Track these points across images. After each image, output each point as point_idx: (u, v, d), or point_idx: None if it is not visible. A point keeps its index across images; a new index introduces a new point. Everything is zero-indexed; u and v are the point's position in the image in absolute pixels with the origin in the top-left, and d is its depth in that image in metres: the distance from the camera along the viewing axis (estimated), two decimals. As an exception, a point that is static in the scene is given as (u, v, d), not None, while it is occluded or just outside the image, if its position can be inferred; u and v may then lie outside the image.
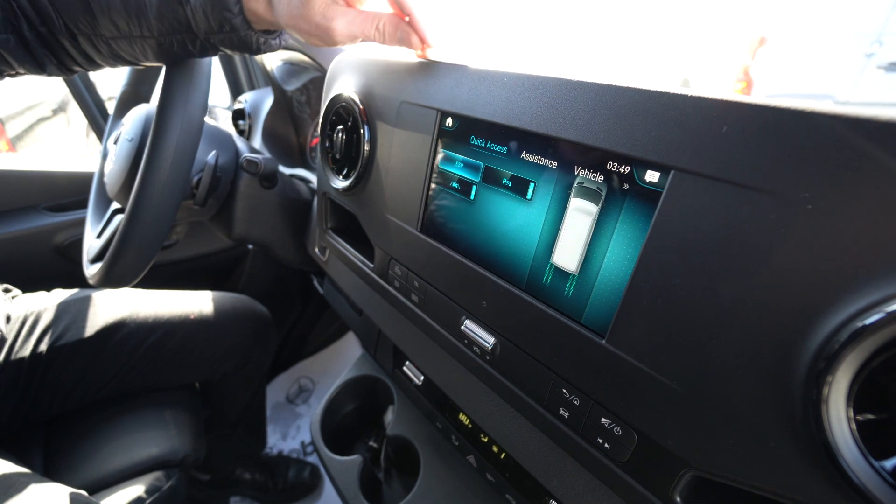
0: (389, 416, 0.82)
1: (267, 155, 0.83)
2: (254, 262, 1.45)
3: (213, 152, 0.78)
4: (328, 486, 1.37)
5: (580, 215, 0.35)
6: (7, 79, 0.50)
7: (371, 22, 0.42)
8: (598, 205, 0.34)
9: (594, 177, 0.34)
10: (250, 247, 1.41)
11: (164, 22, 0.44)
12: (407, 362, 0.68)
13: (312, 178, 0.97)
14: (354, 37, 0.42)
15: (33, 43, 0.46)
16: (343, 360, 1.73)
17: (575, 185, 0.35)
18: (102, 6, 0.43)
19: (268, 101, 1.10)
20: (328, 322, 1.71)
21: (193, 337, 0.95)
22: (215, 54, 0.51)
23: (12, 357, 0.79)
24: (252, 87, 1.33)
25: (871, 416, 0.23)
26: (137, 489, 0.77)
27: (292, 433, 1.54)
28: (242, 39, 0.45)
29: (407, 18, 0.42)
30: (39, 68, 0.49)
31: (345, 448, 0.74)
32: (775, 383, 0.25)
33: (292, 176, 0.98)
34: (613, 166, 0.33)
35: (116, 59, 0.50)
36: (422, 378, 0.65)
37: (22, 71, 0.49)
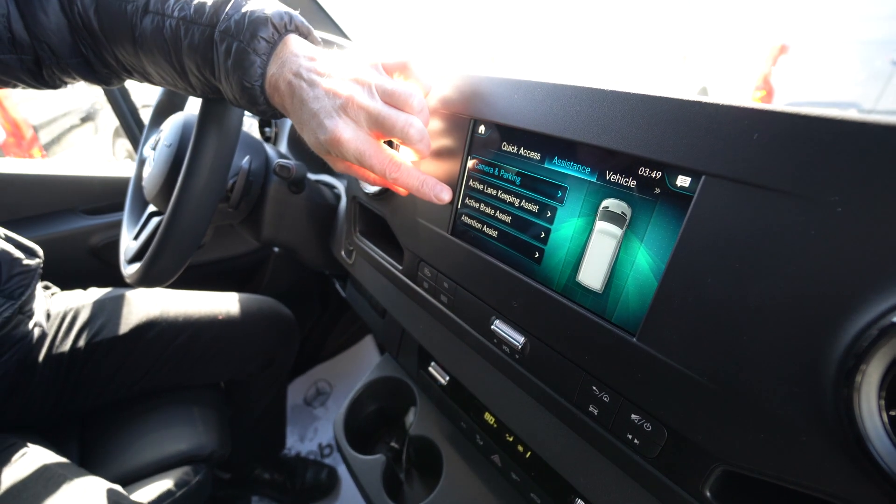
0: (411, 418, 0.84)
1: (295, 160, 0.86)
2: (276, 266, 1.48)
3: (247, 157, 0.81)
4: (345, 489, 1.39)
5: (607, 229, 0.37)
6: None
7: (363, 176, 0.50)
8: (622, 228, 0.36)
9: (626, 181, 0.35)
10: (276, 250, 1.45)
11: (203, 86, 0.50)
12: (432, 363, 0.69)
13: (337, 183, 0.99)
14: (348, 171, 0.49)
15: (98, 66, 0.52)
16: (360, 363, 1.75)
17: (600, 209, 0.38)
18: (151, 61, 0.49)
19: None
20: (346, 326, 1.74)
21: (221, 337, 0.98)
22: None
23: (53, 352, 0.83)
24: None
25: (901, 411, 0.24)
26: (167, 482, 0.79)
27: (310, 435, 1.56)
28: (274, 115, 0.49)
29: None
30: (103, 83, 0.56)
31: (365, 449, 0.76)
32: (806, 379, 0.26)
33: (317, 181, 1.01)
34: (645, 171, 0.34)
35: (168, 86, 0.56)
36: (447, 378, 0.66)
37: (83, 82, 0.55)
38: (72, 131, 3.86)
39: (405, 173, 0.45)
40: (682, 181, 0.32)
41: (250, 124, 1.37)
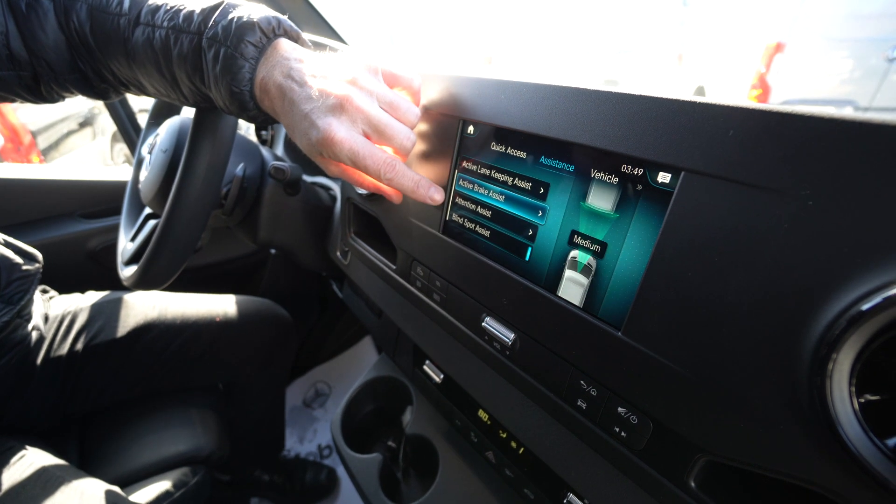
0: (407, 417, 0.84)
1: (291, 163, 0.86)
2: (273, 268, 1.49)
3: (241, 165, 0.82)
4: (344, 489, 1.39)
5: (575, 278, 0.38)
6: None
7: (357, 180, 0.49)
8: (588, 278, 0.38)
9: (609, 178, 0.36)
10: (273, 252, 1.46)
11: (194, 95, 0.50)
12: (427, 361, 0.70)
13: (332, 185, 1.00)
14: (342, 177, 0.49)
15: (96, 81, 0.53)
16: (359, 365, 1.76)
17: (569, 258, 0.40)
18: (144, 74, 0.50)
19: None
20: (344, 327, 1.74)
21: (219, 339, 0.98)
22: None
23: (51, 355, 0.83)
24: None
25: (872, 398, 0.25)
26: (166, 483, 0.80)
27: (309, 436, 1.57)
28: (264, 121, 0.50)
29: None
30: (101, 98, 0.56)
31: (363, 448, 0.76)
32: (782, 369, 0.27)
33: (313, 183, 1.01)
34: (628, 168, 0.35)
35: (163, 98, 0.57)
36: (441, 376, 0.67)
37: (80, 96, 0.55)
38: (70, 136, 3.86)
39: (400, 174, 0.45)
40: (663, 177, 0.33)
41: (247, 127, 1.38)
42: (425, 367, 0.70)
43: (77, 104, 3.92)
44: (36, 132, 3.38)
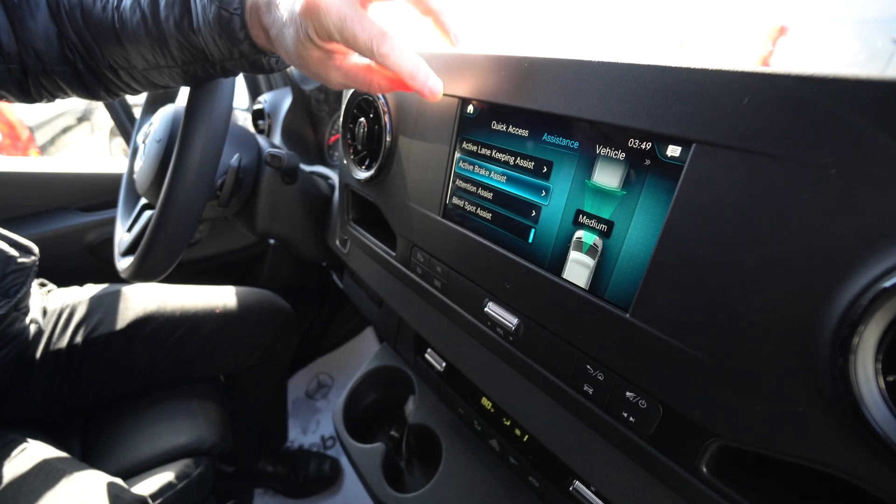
0: (410, 407, 0.84)
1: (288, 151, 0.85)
2: (273, 260, 1.48)
3: (237, 155, 0.80)
4: (348, 480, 1.39)
5: (581, 259, 0.37)
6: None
7: (364, 80, 0.42)
8: (594, 258, 0.37)
9: (616, 154, 0.35)
10: (272, 242, 1.44)
11: (184, 51, 0.48)
12: (428, 350, 0.69)
13: (331, 174, 0.99)
14: (350, 87, 0.44)
15: (86, 75, 0.52)
16: (361, 355, 1.76)
17: (574, 239, 0.38)
18: (132, 40, 0.48)
19: (286, 101, 1.13)
20: (346, 318, 1.74)
21: (219, 330, 0.98)
22: (236, 75, 0.55)
23: (51, 348, 0.82)
24: (270, 88, 1.36)
25: (898, 377, 0.23)
26: (168, 475, 0.79)
27: (312, 427, 1.57)
28: (253, 63, 0.47)
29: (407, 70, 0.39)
30: (91, 95, 0.55)
31: (366, 438, 0.76)
32: (802, 348, 0.26)
33: (311, 172, 1.00)
34: (635, 143, 0.33)
35: (153, 87, 0.55)
36: (444, 364, 0.66)
37: (73, 96, 0.55)
38: (68, 132, 3.84)
39: (397, 49, 0.36)
40: (673, 151, 0.31)
41: (244, 118, 1.36)
42: (427, 356, 0.69)
43: (75, 100, 3.89)
44: (34, 128, 3.36)
